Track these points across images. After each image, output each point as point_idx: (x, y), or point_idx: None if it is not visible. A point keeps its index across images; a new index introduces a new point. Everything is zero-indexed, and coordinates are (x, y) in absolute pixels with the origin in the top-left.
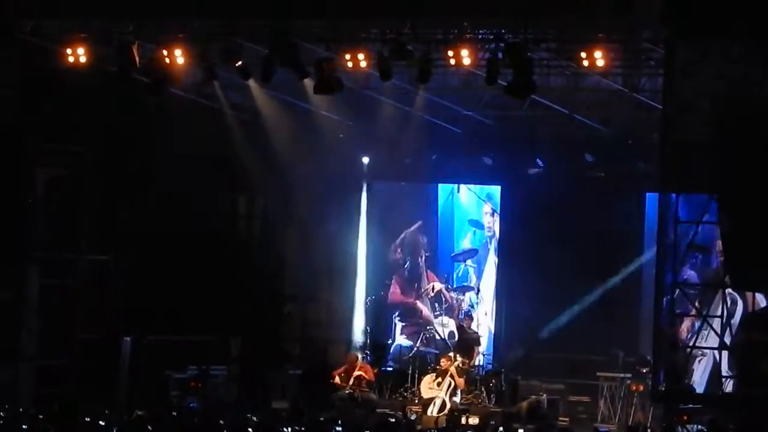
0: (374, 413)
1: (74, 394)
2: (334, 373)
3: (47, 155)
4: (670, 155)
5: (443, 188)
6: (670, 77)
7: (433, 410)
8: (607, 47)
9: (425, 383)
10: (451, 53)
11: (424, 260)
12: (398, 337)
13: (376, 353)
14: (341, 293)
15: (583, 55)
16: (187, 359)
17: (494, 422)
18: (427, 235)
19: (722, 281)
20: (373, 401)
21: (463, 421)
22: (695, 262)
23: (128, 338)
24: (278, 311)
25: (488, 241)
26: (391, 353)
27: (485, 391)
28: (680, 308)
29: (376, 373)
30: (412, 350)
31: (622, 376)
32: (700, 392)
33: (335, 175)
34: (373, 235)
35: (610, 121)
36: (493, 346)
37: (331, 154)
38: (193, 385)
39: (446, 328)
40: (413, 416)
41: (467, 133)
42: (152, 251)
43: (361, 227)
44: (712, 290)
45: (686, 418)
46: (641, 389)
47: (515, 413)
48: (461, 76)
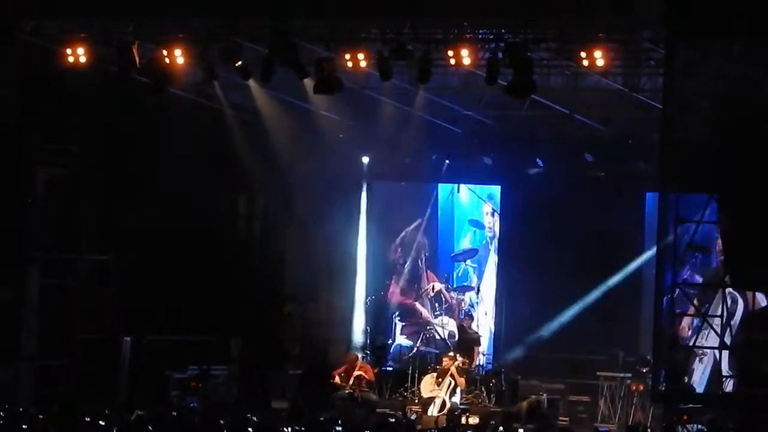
0: (374, 413)
1: (74, 394)
2: (334, 373)
3: (47, 155)
4: (670, 155)
5: (443, 188)
6: (670, 77)
7: (433, 410)
8: (607, 47)
9: (425, 383)
10: (451, 53)
11: (424, 261)
12: (398, 337)
13: (376, 353)
14: (341, 293)
15: (583, 55)
16: (187, 359)
17: (494, 422)
18: (427, 235)
19: (722, 281)
20: (373, 401)
21: (463, 420)
22: (695, 262)
23: (128, 338)
24: (278, 311)
25: (489, 241)
26: (391, 353)
27: (485, 390)
28: (680, 308)
29: (376, 373)
30: (412, 350)
31: (622, 375)
32: (700, 392)
33: (335, 175)
34: (372, 235)
35: (610, 121)
36: (493, 346)
37: (331, 154)
38: (193, 385)
39: (446, 328)
40: (413, 416)
41: (467, 133)
42: (152, 251)
43: (360, 227)
44: (712, 290)
45: (686, 417)
46: (641, 389)
47: (515, 413)
48: (461, 76)
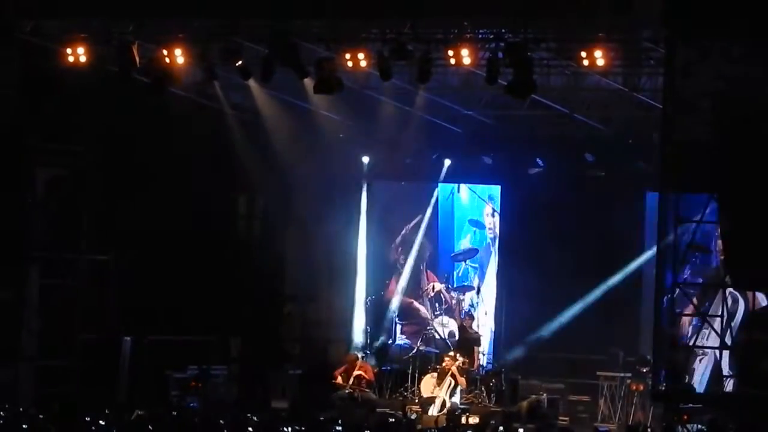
0: (374, 413)
1: (74, 394)
2: (335, 373)
3: (47, 155)
4: (670, 155)
5: (443, 188)
6: (670, 77)
7: (433, 410)
8: (607, 47)
9: (425, 383)
10: (451, 53)
11: (424, 261)
12: (398, 336)
13: (375, 353)
14: (341, 293)
15: (583, 54)
16: (187, 359)
17: (494, 422)
18: (427, 235)
19: (722, 281)
20: (373, 401)
21: (463, 420)
22: (695, 261)
23: (128, 338)
24: (278, 311)
25: (491, 242)
26: (391, 353)
27: (485, 390)
28: (680, 308)
29: (375, 372)
30: (412, 350)
31: (622, 375)
32: (700, 392)
33: (335, 175)
34: (373, 235)
35: (610, 120)
36: (493, 345)
37: (331, 154)
38: (193, 385)
39: (446, 327)
40: (413, 416)
41: (467, 132)
42: (152, 251)
43: (361, 227)
44: (712, 290)
45: (686, 417)
46: (641, 389)
47: (515, 413)
48: (461, 75)
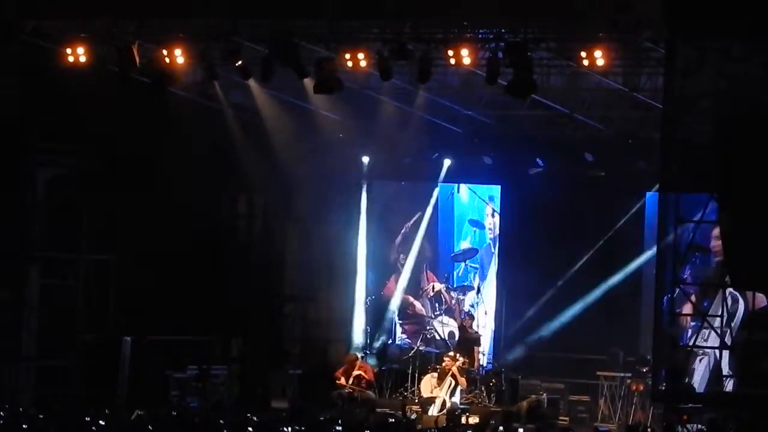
0: (374, 413)
1: (74, 394)
2: (336, 373)
3: (47, 155)
4: (670, 155)
5: (443, 188)
6: (670, 77)
7: (433, 410)
8: (607, 47)
9: (425, 383)
10: (451, 53)
11: (425, 264)
12: (398, 336)
13: (377, 354)
14: (341, 293)
15: (583, 54)
16: (187, 359)
17: (494, 422)
18: (427, 235)
19: (722, 281)
20: (372, 401)
21: (463, 420)
22: (695, 261)
23: (128, 338)
24: (278, 311)
25: (492, 242)
26: (390, 353)
27: (485, 390)
28: (680, 308)
29: (375, 372)
30: (412, 350)
31: (622, 375)
32: (700, 392)
33: (335, 175)
34: (373, 234)
35: (610, 120)
36: (493, 345)
37: (331, 153)
38: (193, 384)
39: (446, 327)
40: (413, 416)
41: (467, 132)
42: (152, 251)
43: (361, 227)
44: (712, 290)
45: (686, 417)
46: (641, 389)
47: (515, 413)
48: (461, 75)
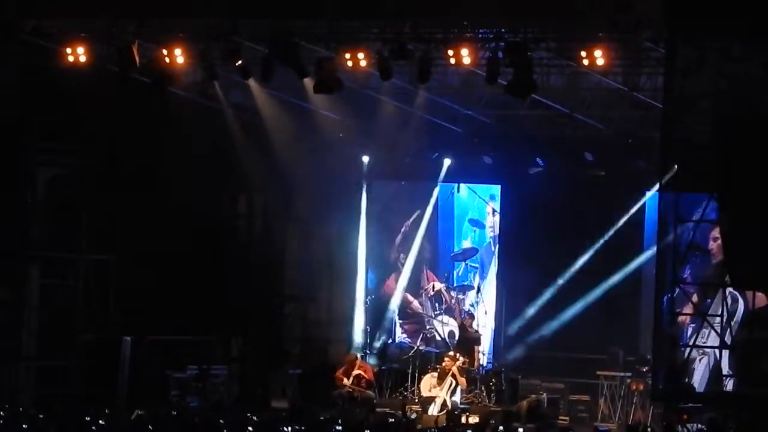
0: (374, 412)
1: (74, 394)
2: (337, 374)
3: (47, 155)
4: (670, 154)
5: (443, 188)
6: (670, 76)
7: (433, 409)
8: (607, 46)
9: (425, 382)
10: (451, 52)
11: (425, 263)
12: (398, 335)
13: (378, 354)
14: (341, 293)
15: (583, 54)
16: (187, 359)
17: (494, 421)
18: (427, 234)
19: (722, 281)
20: (372, 400)
21: (463, 420)
22: (695, 261)
23: (128, 338)
24: (278, 311)
25: (492, 241)
26: (390, 352)
27: (485, 390)
28: (680, 307)
29: (375, 372)
30: (412, 349)
31: (622, 375)
32: (700, 391)
33: (335, 174)
34: (373, 234)
35: (610, 120)
36: (493, 345)
37: (331, 153)
38: (193, 384)
39: (446, 327)
40: (413, 415)
41: (467, 132)
42: (152, 251)
43: (361, 227)
44: (712, 289)
45: (686, 417)
46: (641, 388)
47: (515, 412)
48: (461, 75)
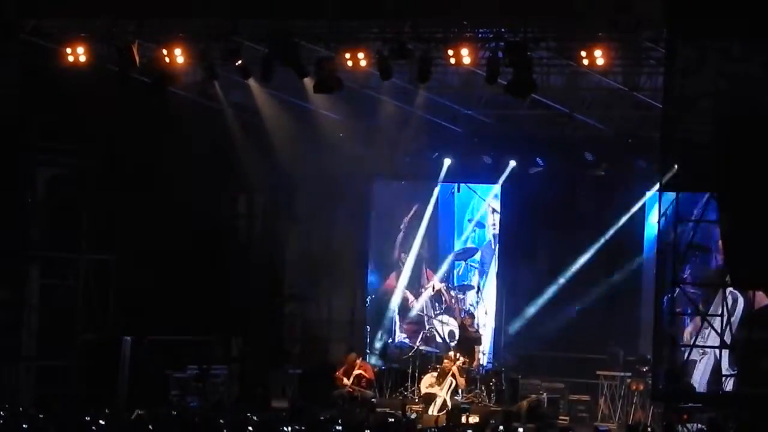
0: (374, 412)
1: (74, 394)
2: (338, 374)
3: (47, 155)
4: (670, 154)
5: (443, 187)
6: (670, 76)
7: (433, 409)
8: (607, 46)
9: (425, 382)
10: (451, 52)
11: (425, 262)
12: (398, 335)
13: (379, 354)
14: (341, 293)
15: (583, 54)
16: (187, 359)
17: (494, 421)
18: (427, 233)
19: (722, 280)
20: (373, 400)
21: (463, 420)
22: (695, 261)
23: (128, 338)
24: (278, 311)
25: (492, 240)
26: (391, 352)
27: (485, 390)
28: (680, 307)
29: (375, 372)
30: (412, 349)
31: (622, 374)
32: (700, 391)
33: (335, 174)
34: (373, 234)
35: (610, 120)
36: (493, 345)
37: (331, 153)
38: (193, 384)
39: (446, 326)
40: (413, 415)
41: (467, 132)
42: (152, 251)
43: (361, 226)
44: (712, 289)
45: (686, 416)
46: (641, 388)
47: (515, 412)
48: (461, 75)
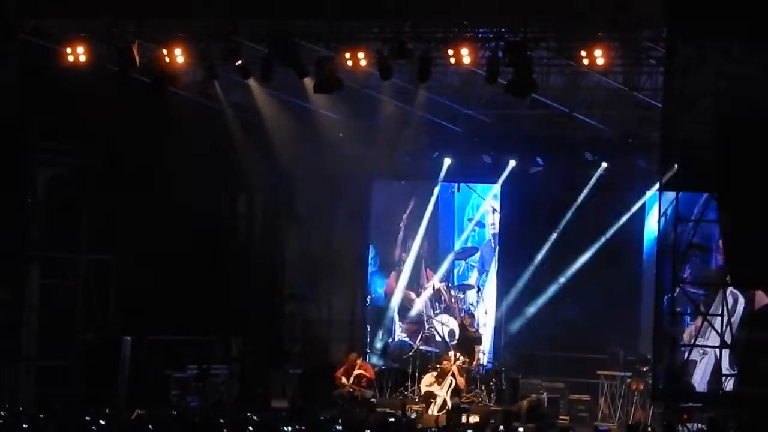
0: (374, 412)
1: (74, 394)
2: (338, 374)
3: (47, 155)
4: (670, 154)
5: (443, 187)
6: (670, 76)
7: (433, 409)
8: (607, 46)
9: (425, 382)
10: (451, 52)
11: (424, 262)
12: (398, 335)
13: (376, 352)
14: (341, 293)
15: (583, 53)
16: (187, 359)
17: (494, 421)
18: (427, 233)
19: (723, 280)
20: (373, 400)
21: (463, 419)
22: (696, 261)
23: (128, 338)
24: (278, 311)
25: (492, 239)
26: (391, 351)
27: (485, 389)
28: (680, 307)
29: (376, 371)
30: (412, 349)
31: (622, 374)
32: (700, 391)
33: (335, 174)
34: (373, 234)
35: (610, 120)
36: (493, 344)
37: (331, 153)
38: (193, 384)
39: (446, 326)
40: (413, 415)
41: (467, 131)
42: (152, 251)
43: (361, 226)
44: (712, 289)
45: (686, 416)
46: (641, 388)
47: (515, 412)
48: (461, 75)
